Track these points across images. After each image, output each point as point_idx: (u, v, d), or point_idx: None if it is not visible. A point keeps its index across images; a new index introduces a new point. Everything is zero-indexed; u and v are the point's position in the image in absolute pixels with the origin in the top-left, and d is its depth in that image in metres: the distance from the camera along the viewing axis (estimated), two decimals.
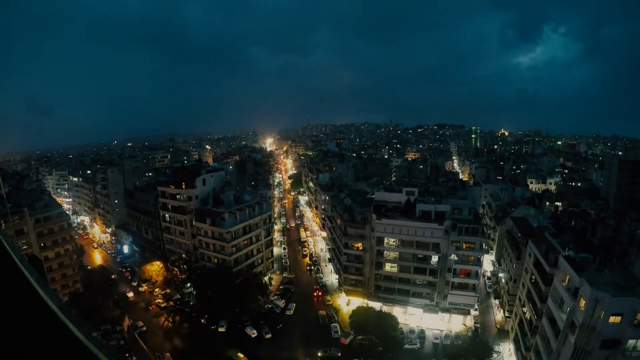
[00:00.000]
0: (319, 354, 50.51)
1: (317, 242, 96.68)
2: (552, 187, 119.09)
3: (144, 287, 70.50)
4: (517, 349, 47.66)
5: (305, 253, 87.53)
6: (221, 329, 55.91)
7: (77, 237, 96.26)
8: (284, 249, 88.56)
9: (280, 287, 71.02)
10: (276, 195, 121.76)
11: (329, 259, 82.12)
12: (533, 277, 46.56)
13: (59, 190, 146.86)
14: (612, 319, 30.29)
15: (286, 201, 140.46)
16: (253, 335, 54.77)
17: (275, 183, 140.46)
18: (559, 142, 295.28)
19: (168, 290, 65.54)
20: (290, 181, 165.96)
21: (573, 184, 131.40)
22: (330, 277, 75.19)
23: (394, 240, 58.73)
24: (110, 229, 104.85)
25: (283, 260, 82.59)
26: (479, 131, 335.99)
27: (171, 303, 62.16)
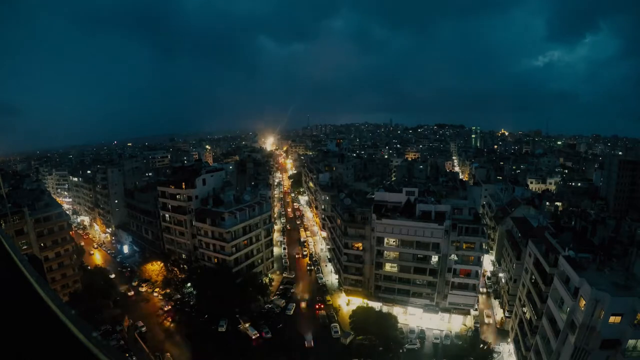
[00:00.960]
0: None
1: (317, 242, 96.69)
2: (552, 187, 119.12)
3: (144, 287, 70.47)
4: (517, 349, 47.64)
5: (305, 253, 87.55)
6: (221, 329, 55.92)
7: (81, 240, 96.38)
8: (284, 249, 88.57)
9: (280, 287, 71.02)
10: (276, 195, 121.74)
11: (329, 259, 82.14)
12: (533, 277, 46.54)
13: (59, 190, 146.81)
14: (612, 319, 30.25)
15: (289, 208, 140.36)
16: (254, 336, 54.76)
17: (275, 183, 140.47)
18: (559, 142, 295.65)
19: (168, 290, 65.54)
20: (290, 181, 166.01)
21: (573, 184, 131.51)
22: (330, 277, 75.18)
23: (394, 240, 58.72)
24: (110, 229, 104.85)
25: (283, 260, 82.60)
26: (479, 131, 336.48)
27: (171, 303, 62.17)
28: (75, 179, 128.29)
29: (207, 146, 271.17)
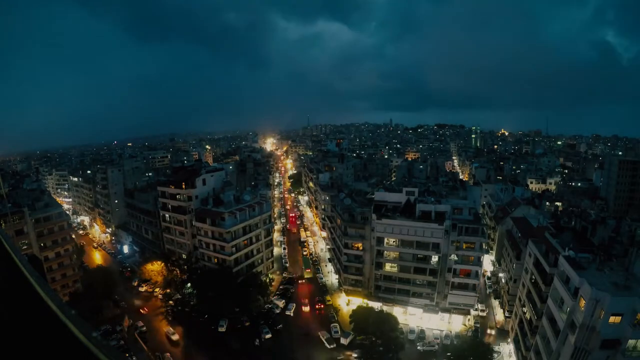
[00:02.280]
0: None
1: (317, 242, 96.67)
2: (552, 187, 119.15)
3: (144, 287, 70.44)
4: (517, 349, 47.64)
5: (305, 253, 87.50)
6: (221, 329, 55.92)
7: (81, 240, 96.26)
8: (284, 249, 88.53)
9: (280, 287, 71.01)
10: (276, 195, 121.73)
11: (329, 259, 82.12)
12: (533, 277, 46.54)
13: (59, 190, 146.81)
14: (612, 319, 30.28)
15: (288, 207, 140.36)
16: (267, 337, 54.59)
17: (275, 183, 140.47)
18: (559, 142, 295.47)
19: (168, 290, 65.53)
20: (290, 181, 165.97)
21: (573, 184, 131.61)
22: (330, 277, 75.18)
23: (393, 240, 58.71)
24: (110, 229, 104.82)
25: (283, 260, 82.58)
26: (479, 131, 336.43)
27: (171, 303, 62.15)
28: (75, 179, 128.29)
29: (207, 146, 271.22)
